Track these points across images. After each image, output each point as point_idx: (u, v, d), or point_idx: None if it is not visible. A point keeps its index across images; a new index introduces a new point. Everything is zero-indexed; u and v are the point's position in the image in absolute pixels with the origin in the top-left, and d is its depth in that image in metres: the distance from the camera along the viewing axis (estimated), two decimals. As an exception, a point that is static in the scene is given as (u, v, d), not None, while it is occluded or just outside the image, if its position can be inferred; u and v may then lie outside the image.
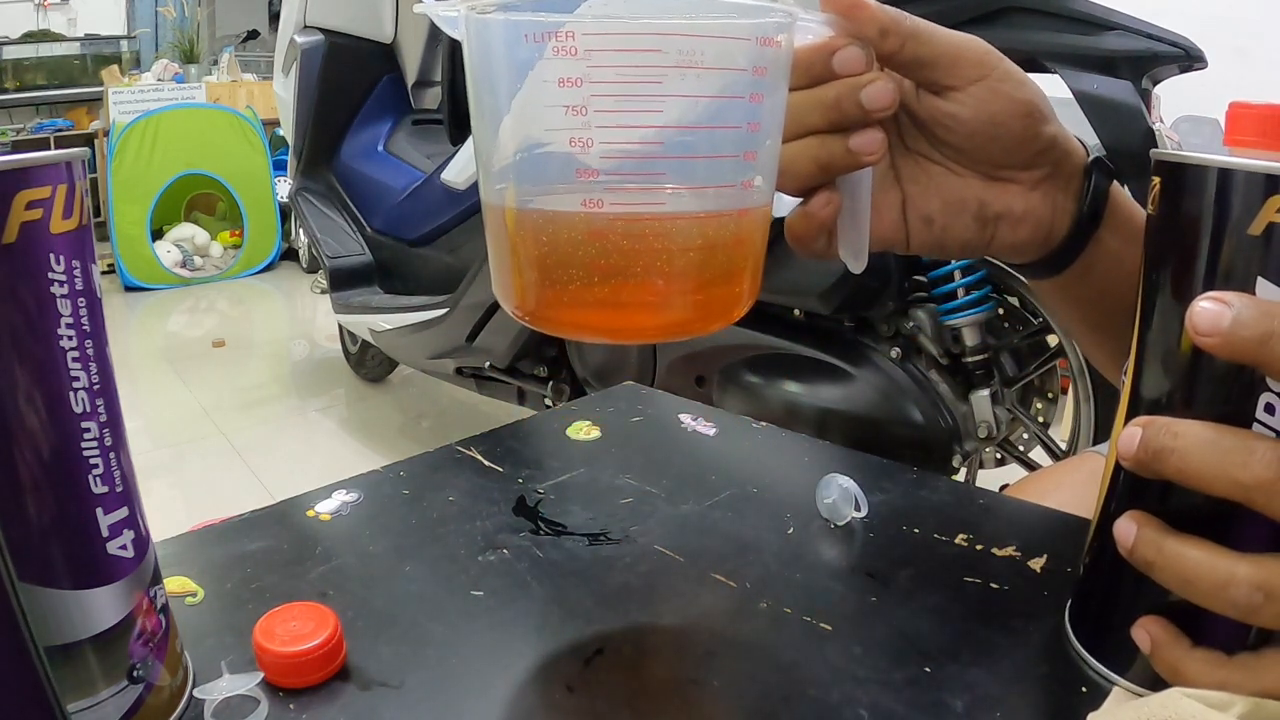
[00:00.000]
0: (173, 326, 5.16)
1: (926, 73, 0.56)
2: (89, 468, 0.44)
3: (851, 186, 0.56)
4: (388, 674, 0.54)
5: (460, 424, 3.52)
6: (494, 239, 0.50)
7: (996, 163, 0.59)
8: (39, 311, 0.41)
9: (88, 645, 0.45)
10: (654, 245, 0.46)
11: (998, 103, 0.56)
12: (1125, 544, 0.48)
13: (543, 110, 0.45)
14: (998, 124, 0.57)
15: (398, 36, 3.29)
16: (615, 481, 0.78)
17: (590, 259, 0.45)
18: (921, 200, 0.60)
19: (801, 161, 0.54)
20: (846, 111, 0.53)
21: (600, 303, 0.47)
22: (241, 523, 0.72)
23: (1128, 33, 1.59)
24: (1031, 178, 0.60)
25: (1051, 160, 0.60)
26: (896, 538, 0.69)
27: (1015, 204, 0.60)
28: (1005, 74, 0.57)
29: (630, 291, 0.47)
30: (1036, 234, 0.62)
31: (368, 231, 3.17)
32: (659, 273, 0.46)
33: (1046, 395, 1.93)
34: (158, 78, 6.19)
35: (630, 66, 0.43)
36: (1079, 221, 0.62)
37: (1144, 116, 1.59)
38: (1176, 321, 0.47)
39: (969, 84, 0.56)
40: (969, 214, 0.60)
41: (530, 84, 0.44)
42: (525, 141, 0.47)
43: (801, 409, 1.88)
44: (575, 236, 0.45)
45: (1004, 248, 0.62)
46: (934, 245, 0.61)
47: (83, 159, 0.43)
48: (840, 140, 0.53)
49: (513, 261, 0.49)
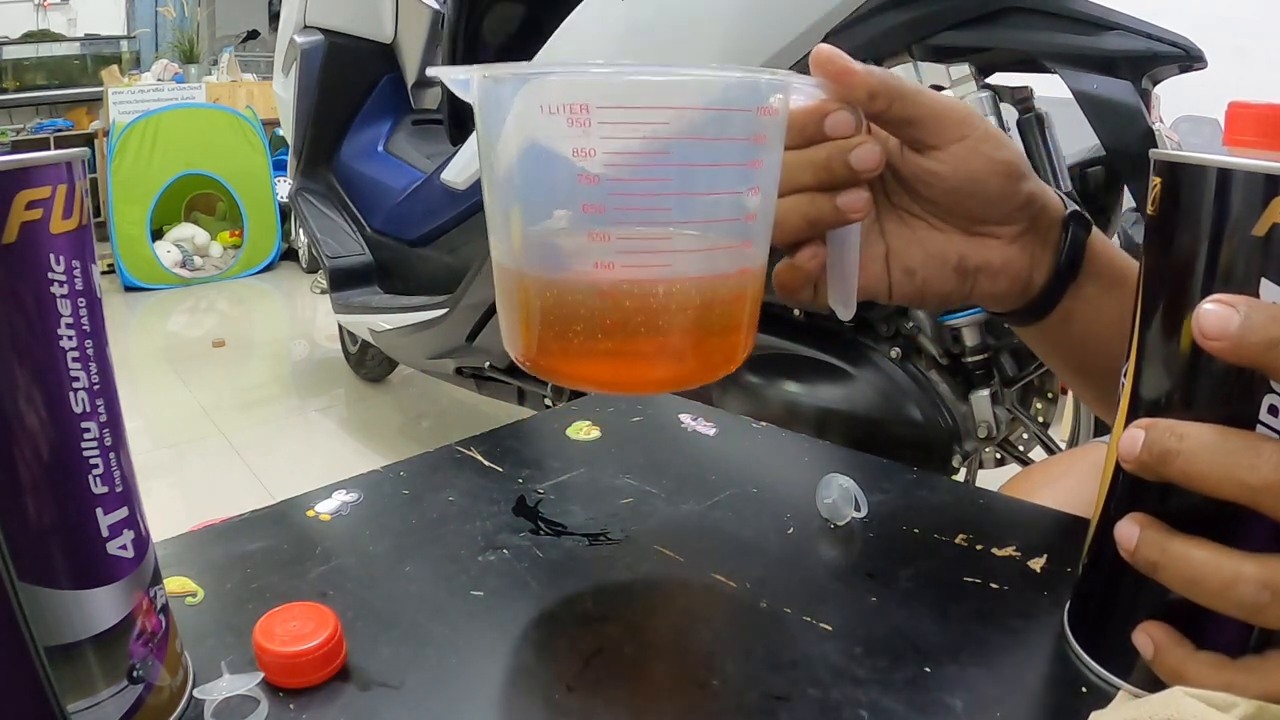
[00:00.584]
0: (173, 326, 5.16)
1: (911, 131, 0.58)
2: (89, 468, 0.44)
3: (839, 240, 0.59)
4: (388, 674, 0.54)
5: (460, 424, 3.52)
6: (505, 295, 0.52)
7: (976, 218, 0.62)
8: (39, 311, 0.41)
9: (88, 645, 0.45)
10: (660, 304, 0.48)
11: (977, 161, 0.59)
12: (1128, 546, 0.48)
13: (556, 176, 0.47)
14: (977, 181, 0.59)
15: (398, 36, 3.29)
16: (615, 482, 0.78)
17: (599, 318, 0.48)
18: (904, 253, 0.63)
19: (792, 217, 0.57)
20: (836, 172, 0.56)
21: (609, 355, 0.49)
22: (241, 523, 0.72)
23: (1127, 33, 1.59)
24: (1010, 232, 0.63)
25: (1029, 215, 0.63)
26: (896, 538, 0.69)
27: (994, 257, 0.63)
28: (985, 134, 0.59)
29: (637, 348, 0.50)
30: (1014, 286, 0.64)
31: (368, 231, 3.16)
32: (664, 330, 0.49)
33: (1046, 395, 1.92)
34: (158, 78, 6.19)
35: (640, 138, 0.45)
36: (1057, 272, 0.65)
37: (1144, 116, 1.59)
38: (1177, 322, 0.48)
39: (951, 143, 0.59)
40: (949, 267, 0.63)
41: (543, 151, 0.47)
42: (538, 206, 0.49)
43: (801, 409, 1.88)
44: (586, 297, 0.48)
45: (984, 298, 0.65)
46: (915, 296, 0.64)
47: (83, 159, 0.43)
48: (829, 198, 0.56)
49: (523, 316, 0.51)
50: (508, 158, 0.49)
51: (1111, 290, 0.67)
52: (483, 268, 2.39)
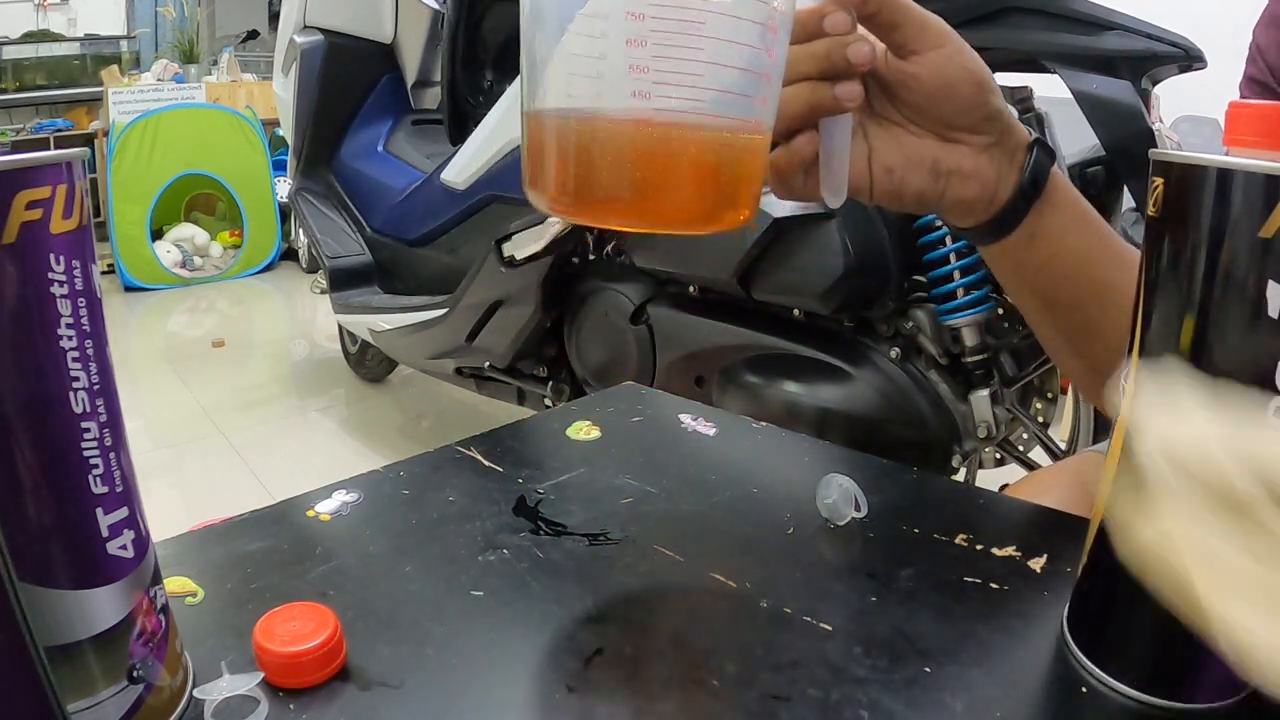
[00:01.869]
0: (172, 326, 5.15)
1: (896, 35, 0.64)
2: (89, 468, 0.44)
3: (830, 130, 0.65)
4: (388, 674, 0.54)
5: (460, 424, 3.51)
6: (538, 139, 0.58)
7: (949, 124, 0.68)
8: (39, 311, 0.41)
9: (88, 645, 0.45)
10: (689, 136, 0.55)
11: (952, 69, 0.65)
12: None
13: (608, 40, 0.53)
14: (951, 87, 0.66)
15: (397, 36, 3.29)
16: (615, 481, 0.78)
17: (633, 147, 0.54)
18: (884, 153, 0.68)
19: (795, 102, 0.63)
20: (835, 63, 0.62)
21: (639, 187, 0.55)
22: (241, 523, 0.72)
23: (1127, 33, 1.59)
24: (980, 142, 0.69)
25: (997, 130, 0.69)
26: (896, 538, 0.69)
27: (965, 163, 0.69)
28: (960, 48, 0.66)
29: (665, 179, 0.56)
30: (983, 192, 0.70)
31: (367, 232, 3.16)
32: (691, 163, 0.55)
33: (1046, 395, 1.92)
34: (157, 78, 6.18)
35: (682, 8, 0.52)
36: (1021, 188, 0.70)
37: (1144, 116, 1.59)
38: (1177, 322, 0.47)
39: (930, 49, 0.65)
40: (925, 168, 0.68)
41: (600, 16, 0.53)
42: (586, 64, 0.54)
43: (801, 409, 1.88)
44: (622, 126, 0.54)
45: (954, 201, 0.70)
46: (894, 193, 0.69)
47: (82, 159, 0.43)
48: (828, 87, 0.62)
49: (557, 156, 0.57)
50: (560, 9, 0.55)
51: (1073, 225, 0.73)
52: (482, 267, 2.39)
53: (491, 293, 2.43)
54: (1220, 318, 0.46)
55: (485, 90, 2.85)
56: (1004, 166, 0.70)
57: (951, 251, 1.75)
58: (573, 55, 0.55)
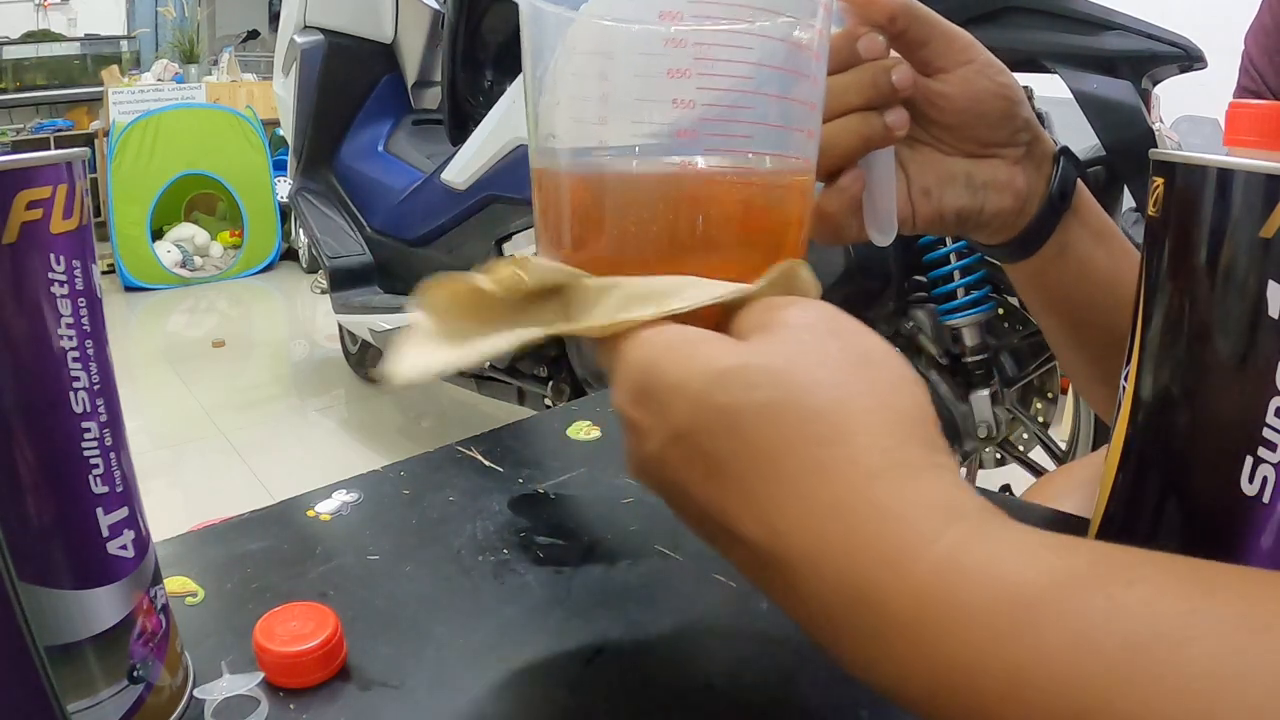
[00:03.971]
0: (173, 326, 5.15)
1: (924, 53, 0.63)
2: (89, 468, 0.44)
3: (874, 165, 0.62)
4: (388, 674, 0.54)
5: (460, 424, 3.51)
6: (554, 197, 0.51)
7: (981, 140, 0.66)
8: (39, 311, 0.41)
9: (88, 645, 0.45)
10: (737, 199, 0.49)
11: (980, 83, 0.64)
12: None
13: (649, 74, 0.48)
14: (981, 102, 0.64)
15: (398, 36, 3.29)
16: (616, 481, 0.78)
17: (672, 212, 0.48)
18: (920, 177, 0.66)
19: (846, 135, 0.60)
20: (881, 90, 0.60)
21: (674, 256, 0.48)
22: (242, 523, 0.72)
23: (1127, 33, 1.59)
24: (1012, 154, 0.67)
25: (1026, 141, 0.67)
26: (897, 538, 0.69)
27: (1000, 174, 0.67)
28: (988, 61, 0.64)
29: (704, 244, 0.49)
30: (1017, 203, 0.68)
31: (368, 231, 3.16)
32: (738, 224, 0.49)
33: (1046, 395, 1.92)
34: (158, 78, 6.19)
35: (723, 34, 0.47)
36: (1049, 200, 0.68)
37: (1144, 116, 1.59)
38: (1177, 323, 0.47)
39: (958, 66, 0.63)
40: (960, 183, 0.66)
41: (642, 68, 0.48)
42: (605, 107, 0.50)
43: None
44: (662, 193, 0.48)
45: (993, 214, 0.68)
46: (935, 215, 0.67)
47: (83, 159, 0.43)
48: (878, 116, 0.60)
49: (579, 217, 0.50)
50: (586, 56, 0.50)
51: (1100, 241, 0.71)
52: (482, 268, 2.39)
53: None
54: (1220, 318, 0.46)
55: (485, 90, 2.86)
56: (1033, 178, 0.68)
57: (951, 252, 1.75)
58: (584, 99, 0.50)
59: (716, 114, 0.48)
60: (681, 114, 0.48)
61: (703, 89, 0.47)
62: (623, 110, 0.49)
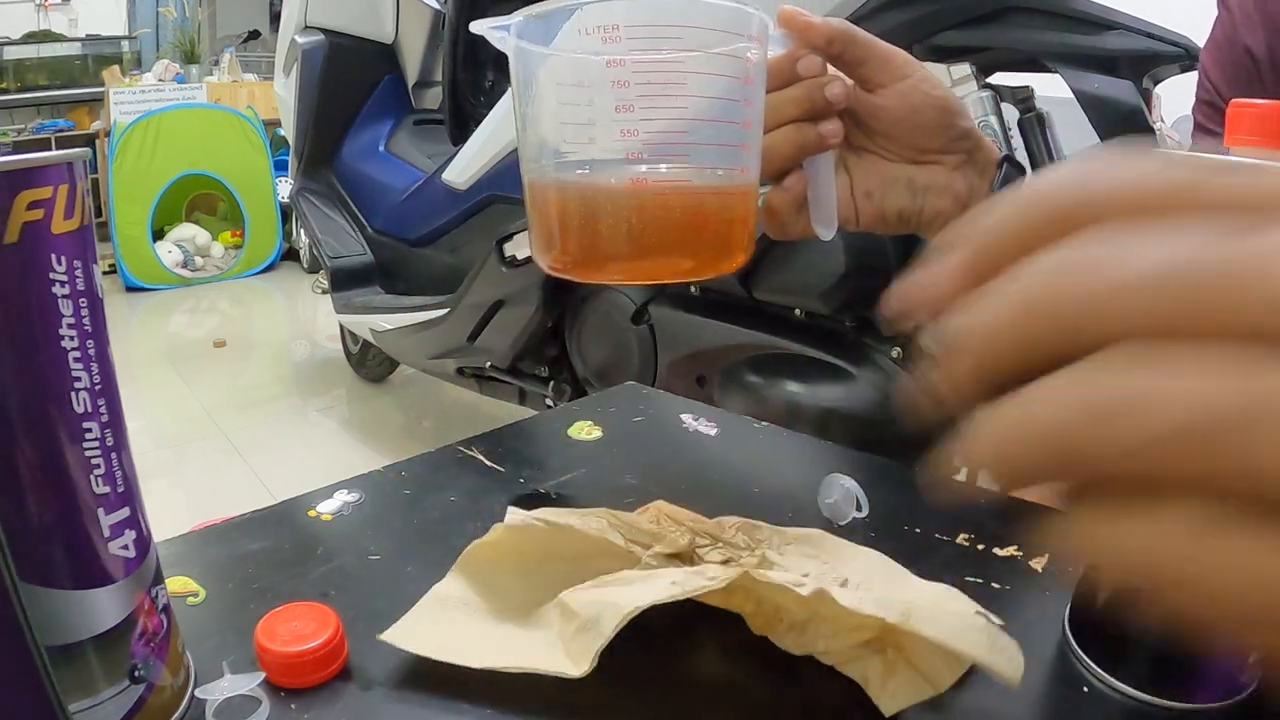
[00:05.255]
0: (174, 327, 5.16)
1: (862, 71, 0.69)
2: (90, 468, 0.44)
3: (815, 168, 0.69)
4: (389, 674, 0.54)
5: (461, 424, 3.52)
6: (542, 208, 0.61)
7: (919, 147, 0.72)
8: (41, 311, 0.41)
9: (89, 645, 0.45)
10: (683, 191, 0.59)
11: (916, 96, 0.70)
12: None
13: (596, 107, 0.57)
14: (917, 113, 0.70)
15: (399, 37, 3.29)
16: (617, 481, 0.78)
17: (632, 206, 0.58)
18: (863, 180, 0.73)
19: (783, 144, 0.67)
20: (816, 103, 0.67)
21: (640, 243, 0.59)
22: (243, 523, 0.72)
23: (1128, 32, 1.59)
24: (951, 160, 0.73)
25: (965, 149, 0.73)
26: (898, 537, 0.69)
27: (939, 179, 0.73)
28: (924, 76, 0.70)
29: (665, 233, 0.59)
30: (957, 206, 0.73)
31: (369, 232, 3.16)
32: (688, 215, 0.60)
33: (1048, 394, 1.92)
34: (159, 78, 6.19)
35: (660, 51, 0.56)
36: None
37: (1145, 116, 1.59)
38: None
39: (894, 81, 0.69)
40: (901, 186, 0.73)
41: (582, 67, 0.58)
42: (577, 131, 0.59)
43: (803, 409, 1.88)
44: (620, 189, 0.58)
45: (933, 215, 0.73)
46: (877, 216, 0.73)
47: (84, 159, 0.43)
48: (812, 127, 0.67)
49: (559, 222, 0.60)
50: (550, 82, 0.59)
51: None
52: (484, 267, 2.40)
53: (493, 293, 2.43)
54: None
55: (486, 90, 2.86)
56: (976, 181, 0.74)
57: (953, 251, 1.74)
58: (564, 124, 0.59)
59: (662, 137, 0.57)
60: (629, 140, 0.57)
61: (646, 120, 0.56)
62: (584, 132, 0.58)
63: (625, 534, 0.61)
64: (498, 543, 0.60)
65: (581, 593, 0.55)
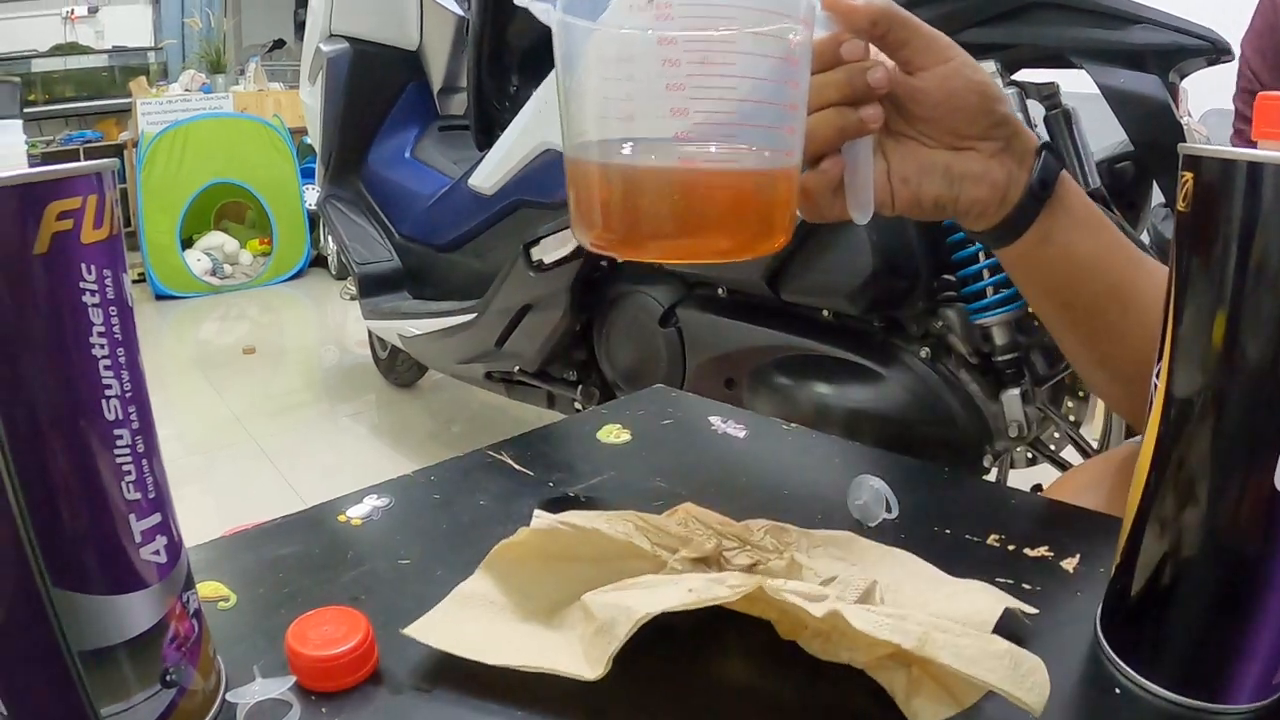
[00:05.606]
0: (203, 334, 5.18)
1: (904, 53, 0.68)
2: (122, 475, 0.44)
3: (854, 152, 0.68)
4: (419, 678, 0.54)
5: (490, 428, 3.52)
6: (585, 183, 0.60)
7: (958, 133, 0.71)
8: (71, 320, 0.41)
9: (121, 650, 0.45)
10: (730, 172, 0.59)
11: (958, 81, 0.69)
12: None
13: (644, 84, 0.56)
14: (957, 97, 0.69)
15: (423, 44, 3.30)
16: (646, 484, 0.78)
17: (679, 185, 0.58)
18: (900, 166, 0.72)
19: (823, 128, 0.66)
20: (856, 88, 0.66)
21: (687, 221, 0.58)
22: (273, 528, 0.72)
23: (1154, 26, 1.58)
24: (989, 148, 0.72)
25: (1004, 136, 0.72)
26: (928, 538, 0.69)
27: (975, 166, 0.72)
28: (965, 61, 0.70)
29: (710, 212, 0.59)
30: (994, 194, 0.73)
31: (396, 238, 3.17)
32: (733, 196, 0.60)
33: (1078, 394, 1.91)
34: (185, 88, 6.22)
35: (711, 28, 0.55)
36: (1030, 189, 0.73)
37: (1172, 110, 1.58)
38: (1209, 319, 0.47)
39: (936, 64, 0.69)
40: (938, 173, 0.72)
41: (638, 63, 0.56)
42: (623, 107, 0.58)
43: (831, 410, 1.87)
44: (672, 181, 0.57)
45: (969, 203, 0.73)
46: (912, 202, 0.72)
47: (112, 170, 0.43)
48: (853, 111, 0.66)
49: (603, 197, 0.60)
50: (596, 57, 0.58)
51: (1083, 226, 0.76)
52: (511, 272, 2.40)
53: (520, 297, 2.43)
54: (1252, 313, 0.45)
55: (511, 95, 2.86)
56: (1013, 169, 0.73)
57: (980, 250, 1.74)
58: (608, 99, 0.59)
59: (711, 117, 0.56)
60: (679, 120, 0.56)
61: (698, 94, 0.55)
62: (632, 109, 0.58)
63: (652, 537, 0.61)
64: (524, 543, 0.60)
65: (602, 595, 0.55)
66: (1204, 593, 0.51)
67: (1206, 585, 0.51)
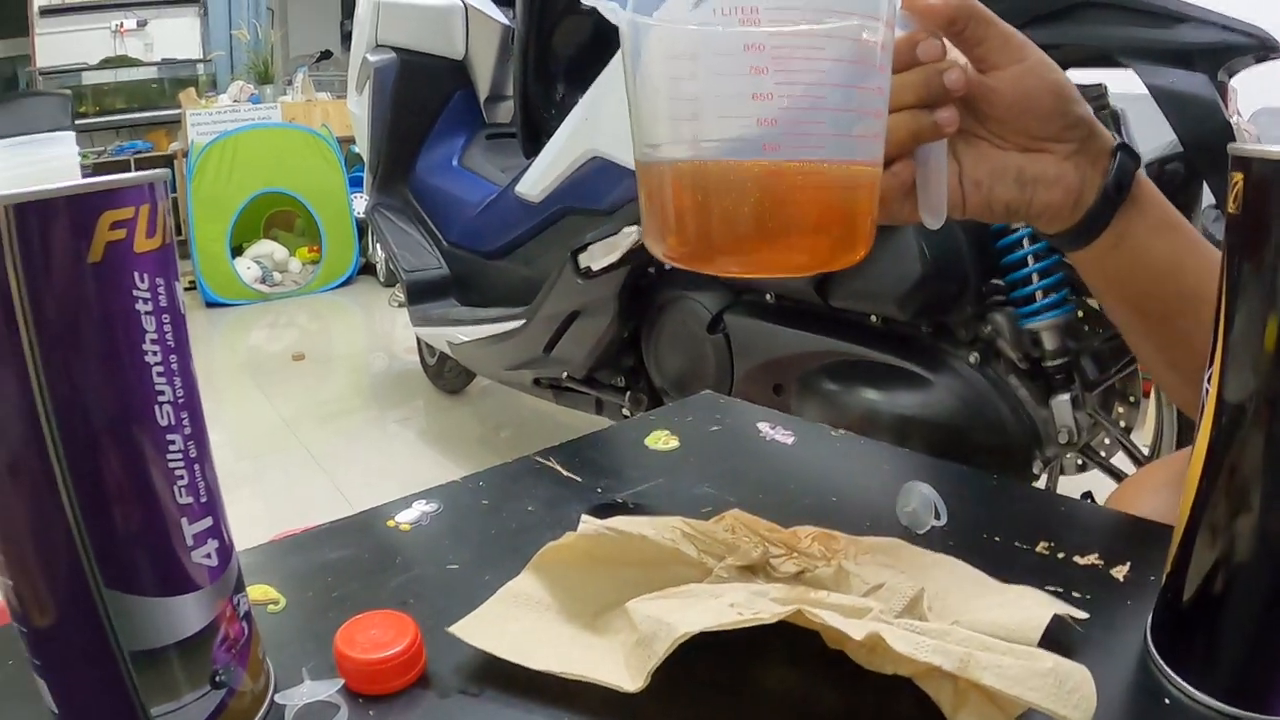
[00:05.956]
0: (253, 341, 5.23)
1: (980, 50, 0.67)
2: (174, 479, 0.45)
3: (926, 156, 0.67)
4: (466, 682, 0.55)
5: (538, 434, 3.53)
6: (660, 192, 0.58)
7: (1032, 134, 0.69)
8: (125, 328, 0.42)
9: (172, 650, 0.46)
10: (818, 182, 0.56)
11: (1032, 80, 0.68)
12: None
13: (726, 88, 0.54)
14: (1031, 98, 0.68)
15: (469, 52, 3.31)
16: (694, 491, 0.78)
17: (765, 195, 0.55)
18: (972, 169, 0.70)
19: (898, 131, 0.64)
20: (933, 90, 0.65)
21: (769, 231, 0.56)
22: (322, 532, 0.73)
23: (1202, 24, 1.56)
24: (1063, 150, 0.70)
25: (1079, 137, 0.70)
26: (977, 546, 0.68)
27: (1049, 170, 0.70)
28: (1040, 60, 0.68)
29: (796, 224, 0.57)
30: (1068, 198, 0.71)
31: (444, 245, 3.18)
32: (820, 204, 0.57)
33: (1128, 399, 1.89)
34: (234, 99, 6.28)
35: (799, 36, 0.53)
36: (1105, 192, 0.71)
37: (1221, 110, 1.56)
38: (1261, 323, 0.47)
39: (1011, 64, 0.67)
40: (1010, 177, 0.70)
41: (717, 61, 0.54)
42: (700, 111, 0.56)
43: (880, 416, 1.86)
44: (758, 190, 0.55)
45: (1042, 208, 0.71)
46: (984, 206, 0.71)
47: (164, 180, 0.44)
48: (928, 114, 0.65)
49: (678, 207, 0.57)
50: (667, 58, 0.56)
51: (1159, 230, 0.73)
52: (559, 278, 2.40)
53: (568, 304, 2.43)
54: (1305, 315, 0.45)
55: (557, 103, 2.86)
56: (1088, 171, 0.71)
57: (1029, 254, 1.72)
58: (681, 101, 0.56)
59: (797, 124, 0.54)
60: (765, 128, 0.53)
61: (781, 96, 0.53)
62: (711, 110, 0.55)
63: (699, 544, 0.60)
64: (571, 545, 0.60)
65: (646, 604, 0.55)
66: (1257, 601, 0.50)
67: (1259, 594, 0.50)
